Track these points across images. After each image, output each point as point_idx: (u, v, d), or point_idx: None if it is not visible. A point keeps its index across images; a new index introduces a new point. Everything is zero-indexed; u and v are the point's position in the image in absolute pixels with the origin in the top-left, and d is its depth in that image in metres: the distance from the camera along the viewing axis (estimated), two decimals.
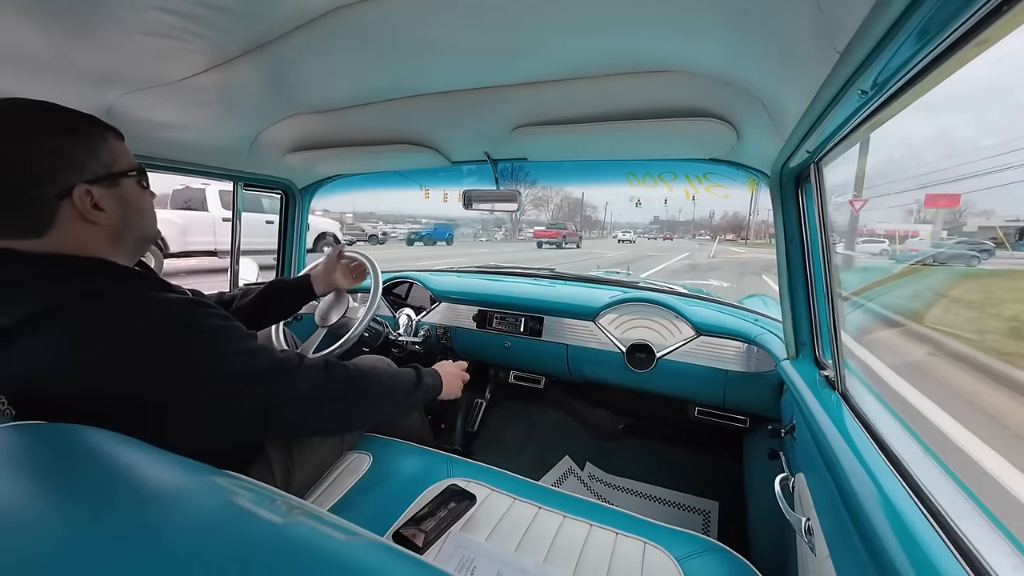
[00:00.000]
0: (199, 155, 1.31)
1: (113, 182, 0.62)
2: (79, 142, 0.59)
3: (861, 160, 4.17)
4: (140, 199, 0.67)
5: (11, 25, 0.61)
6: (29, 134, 0.55)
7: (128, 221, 0.64)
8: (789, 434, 0.99)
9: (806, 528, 0.70)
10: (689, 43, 0.67)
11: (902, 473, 0.55)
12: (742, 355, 1.36)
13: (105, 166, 0.61)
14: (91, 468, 0.38)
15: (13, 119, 0.55)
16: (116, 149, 0.64)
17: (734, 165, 1.13)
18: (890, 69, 0.44)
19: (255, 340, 0.66)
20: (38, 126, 0.56)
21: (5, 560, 0.28)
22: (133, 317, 0.56)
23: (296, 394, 0.66)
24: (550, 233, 20.89)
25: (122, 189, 0.64)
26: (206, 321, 0.62)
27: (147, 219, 0.69)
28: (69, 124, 0.59)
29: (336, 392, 0.72)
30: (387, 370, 0.85)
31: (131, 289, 0.60)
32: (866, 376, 0.83)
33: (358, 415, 0.79)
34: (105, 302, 0.56)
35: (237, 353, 0.62)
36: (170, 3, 0.57)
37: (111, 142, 0.63)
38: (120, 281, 0.61)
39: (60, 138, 0.57)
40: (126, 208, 0.64)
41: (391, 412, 0.86)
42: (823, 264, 0.88)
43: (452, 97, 0.95)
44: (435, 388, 0.95)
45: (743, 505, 1.41)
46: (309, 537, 0.35)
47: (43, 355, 0.53)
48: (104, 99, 0.88)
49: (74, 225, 0.58)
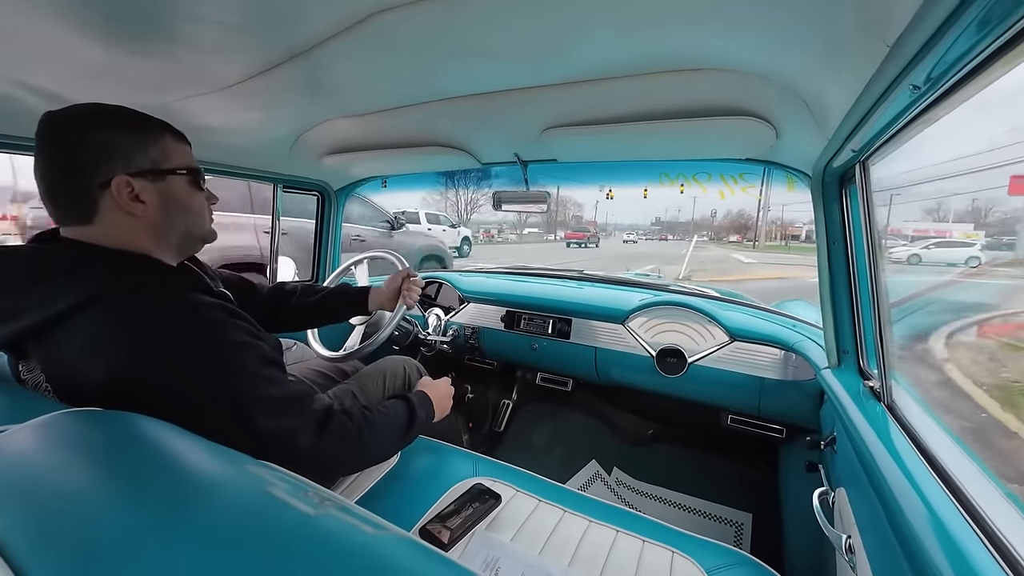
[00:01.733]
0: (242, 158, 1.37)
1: (159, 177, 0.64)
2: (131, 137, 0.62)
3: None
4: (188, 197, 0.68)
5: (76, 41, 0.66)
6: (88, 128, 0.60)
7: (170, 216, 0.66)
8: (829, 446, 0.95)
9: (847, 546, 0.66)
10: (728, 39, 0.65)
11: (955, 492, 0.51)
12: (779, 362, 1.31)
13: (153, 161, 0.64)
14: (140, 454, 0.41)
15: (81, 116, 0.61)
16: (170, 148, 0.66)
17: (772, 165, 1.09)
18: (946, 62, 0.42)
19: (275, 368, 0.67)
20: (97, 121, 0.61)
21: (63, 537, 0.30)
22: (163, 315, 0.58)
23: (296, 434, 0.65)
24: (579, 235, 24.12)
25: (168, 185, 0.65)
26: (234, 335, 0.63)
27: (193, 217, 0.70)
28: (126, 121, 0.63)
29: (334, 440, 0.70)
30: (382, 413, 0.82)
31: (168, 287, 0.62)
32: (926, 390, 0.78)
33: (353, 461, 0.78)
34: (139, 297, 0.59)
35: (253, 375, 0.62)
36: (217, 14, 0.60)
37: (167, 141, 0.66)
38: (158, 277, 0.64)
39: (114, 132, 0.61)
40: (169, 203, 0.65)
41: (385, 454, 0.85)
42: (869, 268, 0.84)
43: (484, 99, 0.95)
44: (428, 419, 0.92)
45: (778, 518, 1.35)
46: (339, 529, 0.36)
47: (77, 344, 0.56)
48: (155, 107, 0.93)
49: (115, 215, 0.61)
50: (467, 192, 25.43)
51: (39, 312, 0.56)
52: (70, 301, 0.56)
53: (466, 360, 2.01)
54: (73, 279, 0.57)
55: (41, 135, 0.59)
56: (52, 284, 0.57)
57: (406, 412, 0.87)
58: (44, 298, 0.57)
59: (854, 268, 0.94)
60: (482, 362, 1.98)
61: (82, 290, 0.56)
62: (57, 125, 0.60)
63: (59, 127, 0.60)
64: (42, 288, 0.57)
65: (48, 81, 0.79)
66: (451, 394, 1.04)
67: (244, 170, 1.45)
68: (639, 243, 35.08)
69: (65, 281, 0.57)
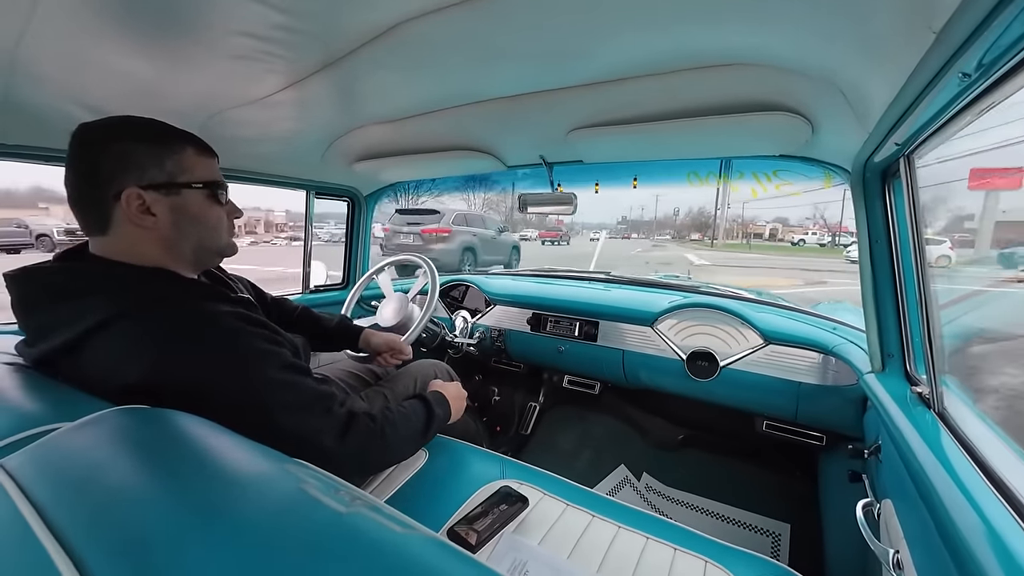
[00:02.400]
0: (276, 167, 1.43)
1: (172, 191, 0.64)
2: (149, 150, 0.63)
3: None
4: (202, 210, 0.68)
5: (131, 62, 0.70)
6: (110, 139, 0.62)
7: (181, 229, 0.66)
8: (873, 455, 0.90)
9: (895, 561, 0.63)
10: (760, 33, 0.63)
11: (1016, 507, 0.48)
12: (817, 366, 1.25)
13: (169, 174, 0.64)
14: (184, 450, 0.43)
15: (106, 127, 0.63)
16: (191, 161, 0.66)
17: (809, 161, 1.05)
18: (1000, 47, 0.39)
19: (296, 372, 0.67)
20: (119, 133, 0.63)
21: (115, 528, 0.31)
22: (181, 327, 0.59)
23: (320, 435, 0.67)
24: (552, 234, 25.63)
25: (182, 198, 0.65)
26: (255, 343, 0.64)
27: (206, 231, 0.70)
28: (148, 134, 0.64)
29: (358, 440, 0.71)
30: (403, 415, 0.84)
31: (188, 299, 0.64)
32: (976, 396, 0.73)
33: (378, 460, 0.81)
34: (158, 310, 0.60)
35: (275, 382, 0.63)
36: (253, 28, 0.62)
37: (188, 154, 0.66)
38: (178, 290, 0.65)
39: (133, 144, 0.62)
40: (180, 217, 0.66)
41: (407, 452, 0.87)
42: (915, 267, 0.79)
43: (510, 102, 0.96)
44: (445, 418, 0.95)
45: (818, 530, 1.29)
46: (369, 527, 0.36)
47: (101, 359, 0.57)
48: (196, 120, 0.98)
49: (127, 227, 0.62)
50: (507, 192, 25.72)
51: (67, 330, 0.58)
52: (97, 318, 0.57)
53: (492, 362, 2.01)
54: (97, 297, 0.59)
55: (72, 144, 0.62)
56: (78, 302, 0.59)
57: (424, 411, 0.89)
58: (71, 315, 0.58)
59: (899, 268, 0.89)
60: (509, 364, 1.98)
61: (105, 307, 0.58)
62: (86, 136, 0.62)
63: (86, 137, 0.62)
64: (69, 306, 0.59)
65: (103, 100, 0.84)
66: (464, 396, 1.06)
67: (279, 178, 1.50)
68: (599, 240, 35.47)
69: (90, 299, 0.59)
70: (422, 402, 0.91)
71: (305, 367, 0.71)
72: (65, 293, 0.60)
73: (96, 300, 0.59)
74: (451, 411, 0.97)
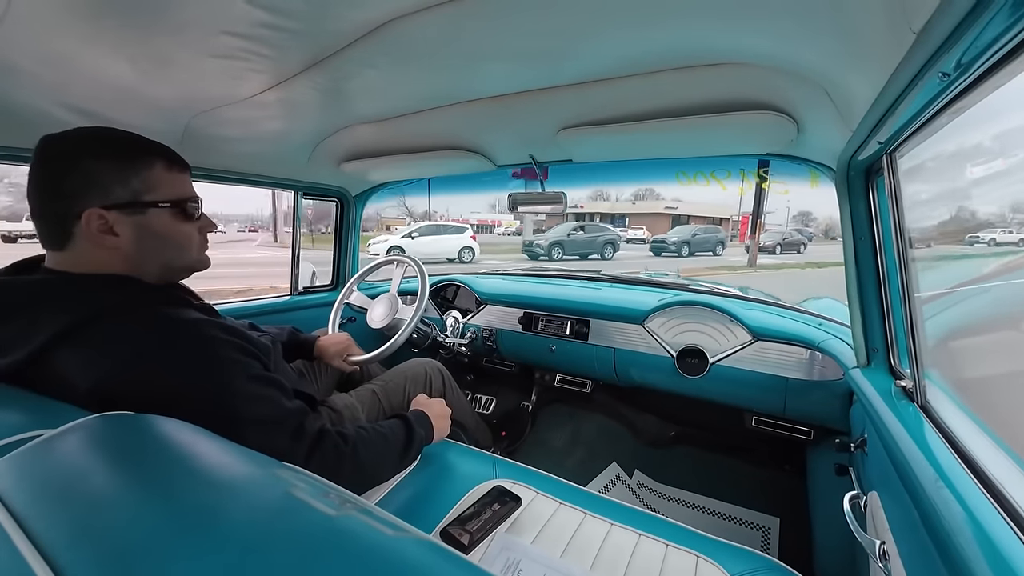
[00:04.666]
0: (263, 167, 1.41)
1: (136, 210, 0.62)
2: (113, 168, 0.61)
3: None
4: (168, 229, 0.66)
5: (107, 61, 0.69)
6: (75, 156, 0.60)
7: (143, 248, 0.64)
8: (860, 448, 0.92)
9: (881, 552, 0.64)
10: (746, 33, 0.64)
11: (996, 496, 0.49)
12: (804, 362, 1.27)
13: (134, 192, 0.62)
14: (169, 456, 0.42)
15: (71, 142, 0.61)
16: (158, 178, 0.64)
17: (795, 159, 1.07)
18: (977, 47, 0.40)
19: (267, 384, 0.66)
20: (84, 150, 0.61)
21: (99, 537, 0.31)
22: (156, 333, 0.58)
23: (287, 456, 0.62)
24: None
25: (147, 217, 0.63)
26: (223, 351, 0.62)
27: (172, 250, 0.68)
28: (112, 150, 0.62)
29: (326, 462, 0.69)
30: (377, 433, 0.81)
31: (159, 306, 0.62)
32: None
33: (350, 481, 0.73)
34: (132, 317, 0.58)
35: (242, 392, 0.62)
36: (237, 27, 0.61)
37: (156, 170, 0.64)
38: (149, 296, 0.64)
39: (97, 163, 0.60)
40: (144, 235, 0.64)
41: (385, 474, 0.84)
42: (898, 263, 0.81)
43: (498, 102, 0.96)
44: (427, 439, 0.92)
45: (807, 523, 1.31)
46: (360, 531, 0.36)
47: (74, 368, 0.56)
48: (180, 120, 0.96)
49: (86, 244, 0.61)
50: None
51: (22, 346, 0.56)
52: (52, 330, 0.55)
53: (484, 362, 2.01)
54: (48, 308, 0.57)
55: (35, 157, 0.60)
56: (27, 315, 0.57)
57: (404, 431, 0.86)
58: (23, 330, 0.56)
59: (883, 264, 0.90)
60: (500, 364, 1.98)
61: (59, 319, 0.56)
62: (50, 151, 0.60)
63: (50, 152, 0.60)
64: (18, 321, 0.57)
65: (82, 99, 0.82)
66: (448, 415, 1.02)
67: (265, 178, 1.48)
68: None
69: (40, 312, 0.57)
70: (403, 422, 0.88)
71: (277, 379, 0.69)
72: (12, 306, 0.58)
73: (49, 312, 0.57)
74: (434, 431, 0.94)
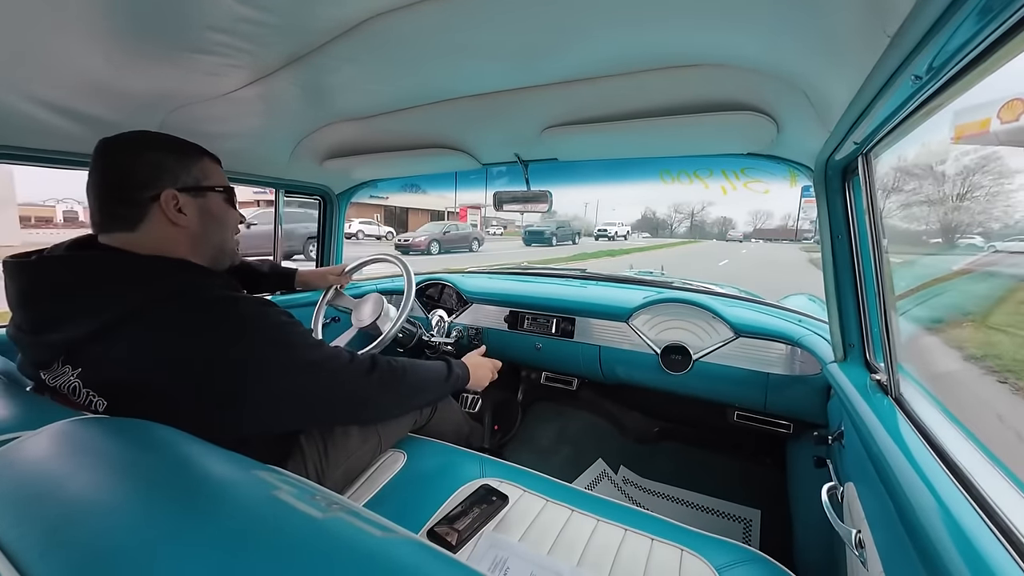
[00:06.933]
0: (243, 164, 1.38)
1: (200, 193, 0.73)
2: (177, 158, 0.71)
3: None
4: (222, 213, 0.77)
5: (78, 51, 0.67)
6: (142, 149, 0.69)
7: (207, 228, 0.74)
8: (837, 441, 0.94)
9: (857, 541, 0.66)
10: (726, 34, 0.65)
11: (966, 485, 0.51)
12: (784, 357, 1.30)
13: (195, 179, 0.73)
14: (150, 460, 0.41)
15: (133, 140, 0.70)
16: (209, 169, 0.76)
17: (775, 159, 1.09)
18: (947, 52, 0.41)
19: (313, 336, 0.76)
20: (149, 145, 0.70)
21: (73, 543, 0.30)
22: (212, 311, 0.64)
23: (351, 381, 0.77)
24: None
25: (207, 201, 0.74)
26: (277, 318, 0.71)
27: (225, 232, 0.79)
28: (172, 145, 0.72)
29: (381, 381, 0.81)
30: (422, 363, 0.94)
31: (212, 288, 0.68)
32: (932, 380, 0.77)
33: (398, 402, 0.90)
34: (186, 299, 0.64)
35: (304, 345, 0.71)
36: (216, 21, 0.60)
37: (206, 163, 0.76)
38: (201, 279, 0.70)
39: (163, 154, 0.70)
40: (207, 217, 0.74)
41: (424, 400, 0.98)
42: (874, 261, 0.83)
43: (483, 100, 0.95)
44: (463, 378, 1.04)
45: (787, 514, 1.35)
46: (346, 532, 0.36)
47: (129, 350, 0.60)
48: (156, 115, 0.93)
49: (159, 224, 0.69)
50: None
51: (91, 320, 0.60)
52: (126, 308, 0.60)
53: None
54: (123, 286, 0.62)
55: (98, 154, 0.68)
56: (103, 291, 0.61)
57: (443, 365, 1.00)
58: (95, 305, 0.60)
59: (859, 262, 0.93)
60: None
61: (133, 297, 0.61)
62: (113, 148, 0.68)
63: (115, 148, 0.68)
64: (92, 296, 0.61)
65: (53, 94, 0.79)
66: (491, 367, 1.15)
67: (246, 175, 1.45)
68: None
69: (115, 288, 0.62)
70: (443, 359, 1.02)
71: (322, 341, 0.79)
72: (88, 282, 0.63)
73: (124, 290, 0.62)
74: (470, 376, 1.06)
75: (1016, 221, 2.16)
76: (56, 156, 1.03)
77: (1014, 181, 2.66)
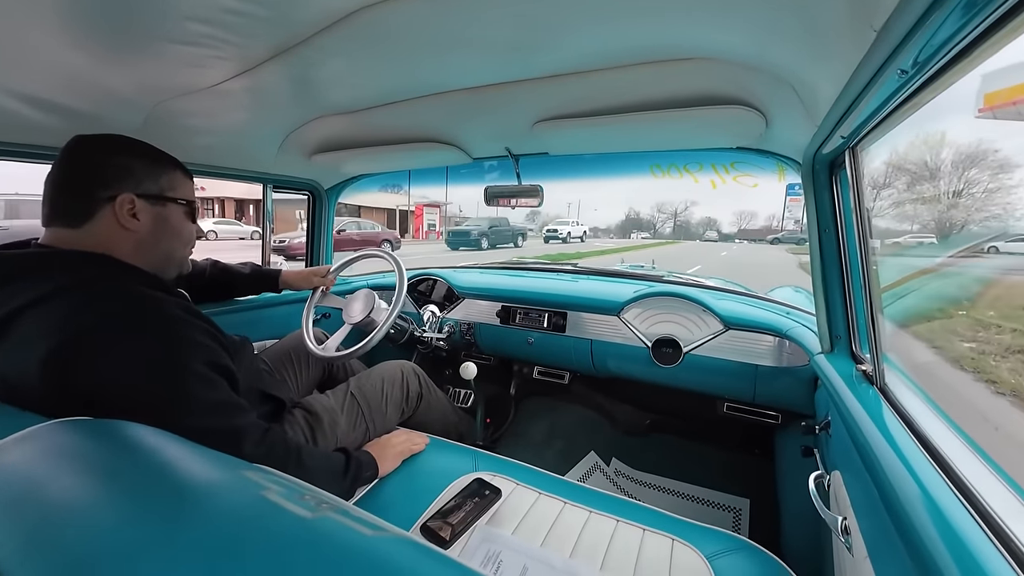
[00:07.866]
0: (230, 159, 1.36)
1: (160, 202, 0.72)
2: (147, 165, 0.72)
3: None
4: (179, 224, 0.76)
5: (55, 44, 0.65)
6: (114, 151, 0.70)
7: (159, 237, 0.73)
8: (824, 430, 0.96)
9: (843, 527, 0.67)
10: (716, 29, 0.65)
11: (947, 471, 0.52)
12: (773, 349, 1.32)
13: (160, 188, 0.73)
14: (133, 462, 0.40)
15: (109, 140, 0.70)
16: (178, 181, 0.76)
17: (763, 153, 1.10)
18: (933, 46, 0.42)
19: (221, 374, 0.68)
20: (122, 149, 0.70)
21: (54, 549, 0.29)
22: (119, 304, 0.61)
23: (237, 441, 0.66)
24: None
25: (166, 210, 0.74)
26: (188, 332, 0.64)
27: (177, 243, 0.77)
28: (146, 153, 0.73)
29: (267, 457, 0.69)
30: (320, 454, 0.83)
31: (126, 283, 0.65)
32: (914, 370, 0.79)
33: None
34: (95, 288, 0.61)
35: (198, 375, 0.63)
36: (200, 12, 0.58)
37: (177, 175, 0.76)
38: (116, 272, 0.66)
39: (134, 159, 0.71)
40: (162, 226, 0.73)
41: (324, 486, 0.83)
42: (860, 254, 0.84)
43: (473, 93, 0.95)
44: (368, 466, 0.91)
45: (775, 503, 1.37)
46: (337, 531, 0.35)
47: (27, 341, 0.56)
48: (141, 109, 0.91)
49: (107, 224, 0.67)
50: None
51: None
52: (27, 298, 0.58)
53: (463, 356, 2.01)
54: (32, 278, 0.60)
55: (68, 150, 0.67)
56: (12, 285, 0.60)
57: (343, 459, 0.85)
58: (3, 299, 0.59)
59: (846, 254, 0.94)
60: (479, 357, 1.98)
61: (39, 287, 0.59)
62: (86, 146, 0.68)
63: (86, 146, 0.68)
64: (3, 290, 0.60)
65: (34, 87, 0.77)
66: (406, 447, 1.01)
67: (232, 170, 1.43)
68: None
69: (24, 282, 0.60)
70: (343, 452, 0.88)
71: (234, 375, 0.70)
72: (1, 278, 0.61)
73: (31, 281, 0.60)
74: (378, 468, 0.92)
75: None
76: (32, 151, 1.01)
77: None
